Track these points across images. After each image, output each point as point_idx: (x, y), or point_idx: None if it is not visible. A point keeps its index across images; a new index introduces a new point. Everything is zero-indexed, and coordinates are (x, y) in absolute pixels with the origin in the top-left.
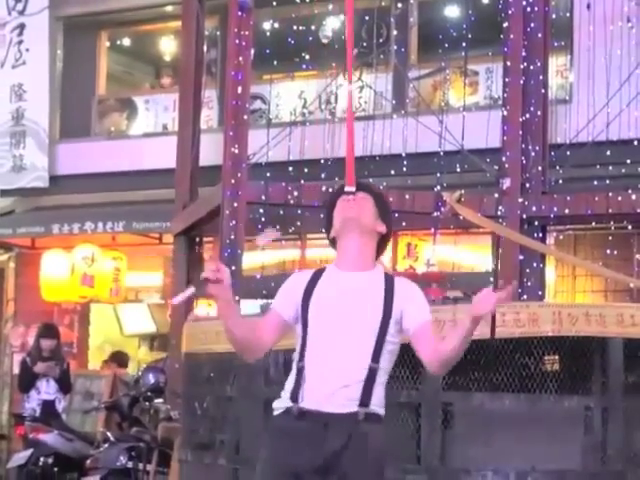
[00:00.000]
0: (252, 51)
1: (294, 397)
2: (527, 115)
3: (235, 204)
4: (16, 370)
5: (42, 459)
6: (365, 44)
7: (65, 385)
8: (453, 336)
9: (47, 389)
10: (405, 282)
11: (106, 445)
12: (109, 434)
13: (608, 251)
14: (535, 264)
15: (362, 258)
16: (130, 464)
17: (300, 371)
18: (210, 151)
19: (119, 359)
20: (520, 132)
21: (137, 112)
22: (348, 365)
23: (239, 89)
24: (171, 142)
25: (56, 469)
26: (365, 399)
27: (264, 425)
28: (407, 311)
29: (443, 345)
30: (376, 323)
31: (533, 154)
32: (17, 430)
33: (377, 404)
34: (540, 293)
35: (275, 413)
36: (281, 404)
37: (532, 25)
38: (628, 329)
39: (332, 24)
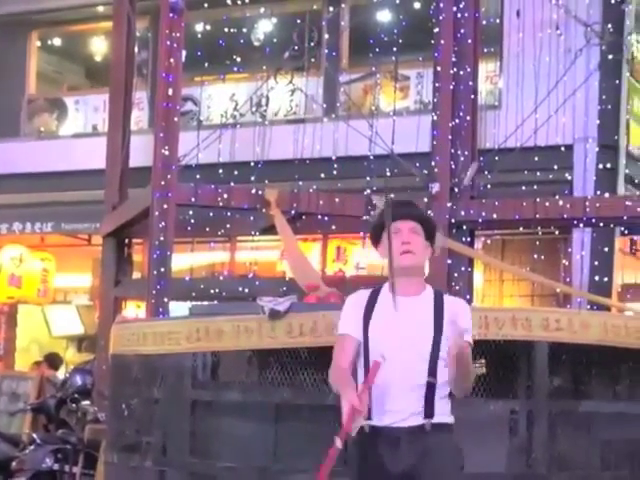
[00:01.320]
0: (183, 53)
1: (365, 416)
2: (457, 120)
3: (165, 206)
4: None
5: None
6: (297, 47)
7: None
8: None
9: None
10: (455, 300)
11: (32, 447)
12: (35, 436)
13: (535, 256)
14: (463, 268)
15: (415, 285)
16: (56, 466)
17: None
18: (140, 152)
19: (52, 361)
20: (450, 137)
21: (67, 112)
22: (410, 384)
23: (170, 91)
24: (101, 143)
25: None
26: (429, 411)
27: (190, 427)
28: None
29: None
30: (428, 342)
31: (462, 159)
32: None
33: (442, 413)
34: (468, 297)
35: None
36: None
37: (462, 31)
38: (553, 333)
39: (263, 27)
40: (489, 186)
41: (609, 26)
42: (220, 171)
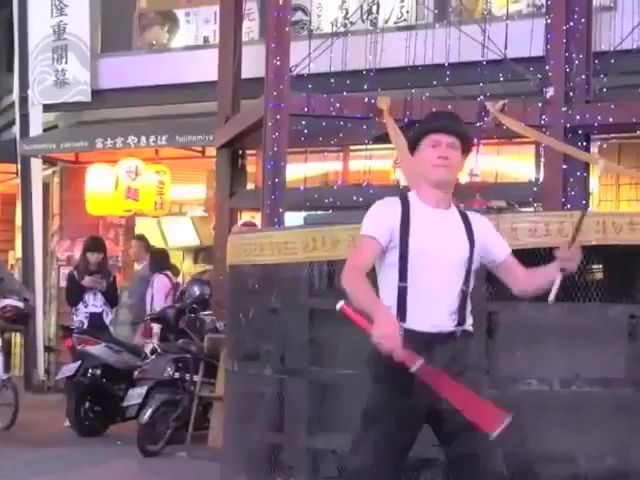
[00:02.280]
0: None
1: (400, 317)
2: (571, 23)
3: (278, 116)
4: (63, 284)
5: (90, 370)
6: None
7: (112, 298)
8: (540, 276)
9: (94, 302)
10: (477, 216)
11: (153, 357)
12: (156, 345)
13: None
14: (579, 173)
15: (446, 200)
16: (177, 375)
17: (402, 291)
18: (252, 63)
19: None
20: (564, 40)
21: (178, 25)
22: (446, 289)
23: (280, 0)
24: (213, 55)
25: (104, 380)
26: (461, 319)
27: (308, 335)
28: (490, 244)
29: (532, 280)
30: (465, 253)
31: (577, 62)
32: (65, 342)
33: (469, 323)
34: (584, 202)
35: None
36: None
37: None
38: None
39: None
40: (605, 89)
41: None
42: (332, 80)
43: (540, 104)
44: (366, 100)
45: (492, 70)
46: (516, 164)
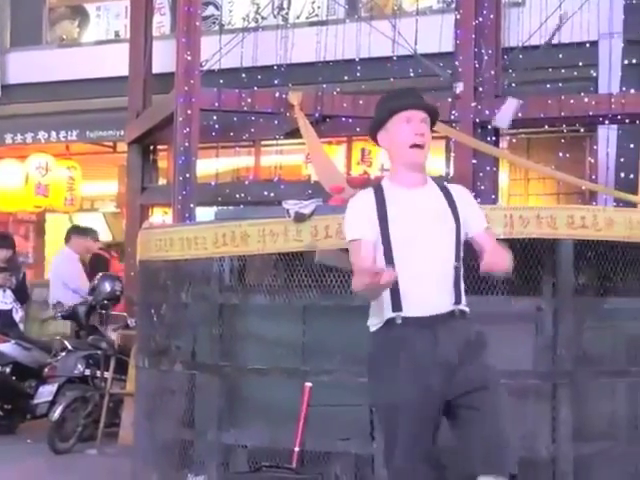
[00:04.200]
0: None
1: (396, 307)
2: (480, 18)
3: (189, 111)
4: None
5: (0, 368)
6: None
7: (22, 295)
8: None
9: (4, 299)
10: (458, 188)
11: (64, 353)
12: (66, 342)
13: (561, 154)
14: (488, 168)
15: (422, 177)
16: (88, 372)
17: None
18: (163, 58)
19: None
20: (473, 36)
21: (88, 19)
22: (438, 269)
23: None
24: (123, 49)
25: (14, 378)
26: (458, 297)
27: (218, 331)
28: (468, 216)
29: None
30: (452, 228)
31: (486, 58)
32: None
33: (464, 302)
34: (493, 197)
35: (374, 329)
36: (380, 317)
37: None
38: (578, 231)
39: None
40: (513, 84)
41: None
42: (243, 75)
43: (450, 99)
44: (277, 95)
45: (402, 65)
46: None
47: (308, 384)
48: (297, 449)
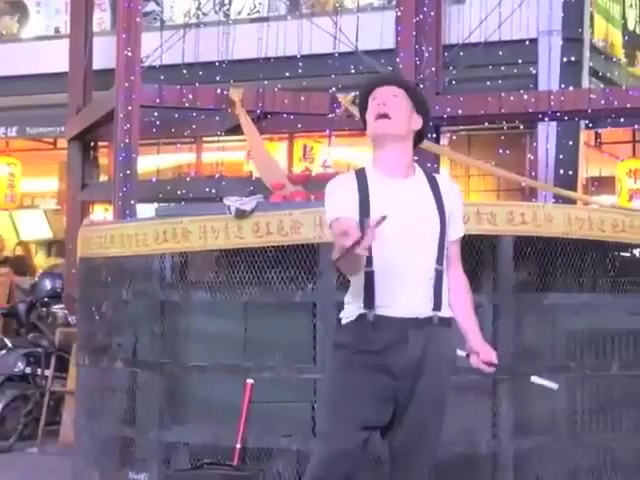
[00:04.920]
0: None
1: (368, 304)
2: (421, 16)
3: (129, 107)
4: None
5: None
6: None
7: None
8: (457, 310)
9: None
10: (450, 184)
11: (3, 351)
12: (6, 340)
13: (501, 150)
14: (429, 165)
15: (404, 164)
16: (28, 370)
17: (369, 276)
18: (103, 54)
19: (17, 266)
20: (414, 33)
21: (28, 15)
22: (418, 270)
23: None
24: (64, 45)
25: None
26: (437, 303)
27: (160, 328)
28: (451, 219)
29: (452, 299)
30: (435, 225)
31: (427, 55)
32: None
33: (446, 307)
34: None
35: (346, 321)
36: (352, 312)
37: None
38: (518, 227)
39: None
40: (454, 82)
41: None
42: (184, 72)
43: None
44: (218, 91)
45: (344, 62)
46: (368, 155)
47: (250, 381)
48: (239, 446)
